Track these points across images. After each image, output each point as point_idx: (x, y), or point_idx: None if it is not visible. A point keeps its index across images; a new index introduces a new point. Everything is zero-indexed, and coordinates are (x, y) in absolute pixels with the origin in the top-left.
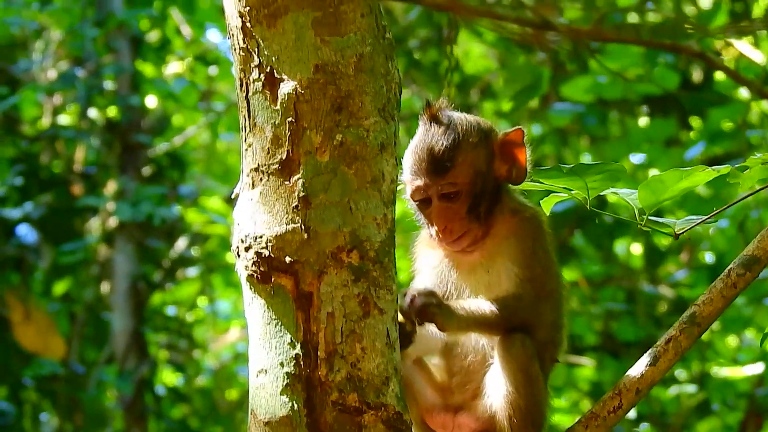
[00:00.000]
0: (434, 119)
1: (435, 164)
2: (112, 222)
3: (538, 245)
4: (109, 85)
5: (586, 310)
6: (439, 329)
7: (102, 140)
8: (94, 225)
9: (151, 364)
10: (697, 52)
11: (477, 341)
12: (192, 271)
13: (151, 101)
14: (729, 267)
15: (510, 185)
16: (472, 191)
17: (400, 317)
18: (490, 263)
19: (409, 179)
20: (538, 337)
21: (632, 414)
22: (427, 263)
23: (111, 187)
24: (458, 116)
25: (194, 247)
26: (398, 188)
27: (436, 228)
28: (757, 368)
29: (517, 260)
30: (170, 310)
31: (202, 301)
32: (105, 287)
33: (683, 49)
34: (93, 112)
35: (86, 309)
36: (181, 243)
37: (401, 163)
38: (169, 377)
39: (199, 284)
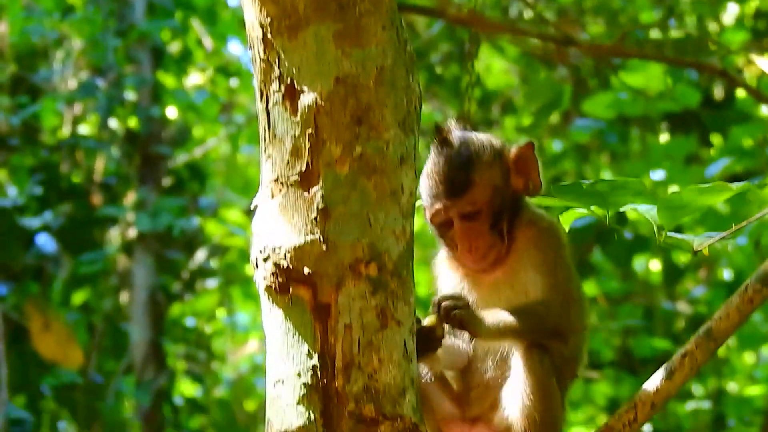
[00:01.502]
0: (445, 142)
1: (453, 186)
2: (132, 233)
3: (559, 254)
4: (129, 95)
5: (604, 326)
6: (470, 334)
7: (122, 151)
8: (113, 235)
9: (170, 375)
10: (718, 69)
11: (500, 357)
12: (211, 283)
13: (172, 112)
14: (746, 283)
15: (527, 198)
16: (492, 208)
17: (431, 320)
18: (514, 279)
19: (427, 204)
20: (570, 345)
21: (648, 429)
22: (447, 284)
23: (130, 197)
24: (469, 136)
25: (213, 259)
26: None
27: (460, 249)
28: None
29: (540, 270)
30: (189, 322)
31: (220, 313)
32: (124, 298)
33: (705, 66)
34: (113, 123)
35: (105, 319)
36: (201, 255)
37: (419, 176)
38: (187, 388)
39: (218, 296)
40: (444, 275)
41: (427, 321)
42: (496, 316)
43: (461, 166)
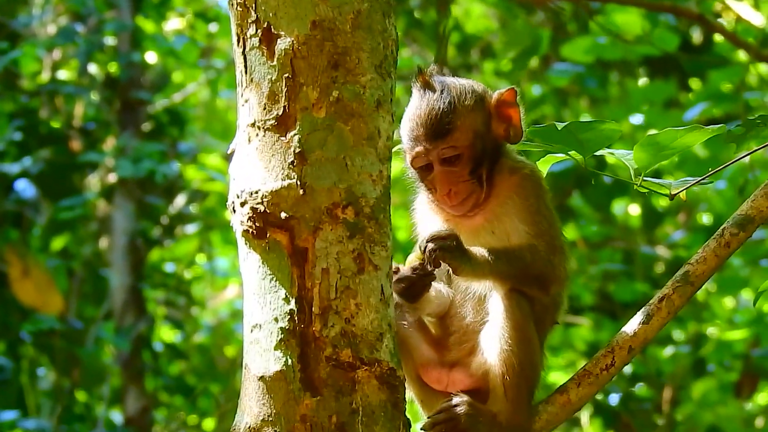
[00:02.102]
0: (427, 85)
1: (434, 129)
2: (111, 178)
3: (541, 202)
4: (109, 40)
5: (583, 270)
6: (454, 272)
7: (102, 96)
8: (92, 181)
9: (149, 320)
10: (695, 14)
11: (479, 302)
12: (191, 228)
13: (152, 57)
14: (723, 226)
15: (508, 145)
16: (473, 153)
17: (417, 256)
18: (495, 224)
19: (408, 147)
20: (552, 291)
21: (628, 372)
22: (429, 229)
23: (110, 143)
24: (451, 80)
25: (193, 204)
26: (394, 148)
27: (439, 193)
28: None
29: (524, 218)
30: (169, 267)
31: (200, 258)
32: (103, 243)
33: (682, 11)
34: (93, 68)
35: (84, 265)
36: (180, 200)
37: (397, 121)
38: (166, 334)
39: (197, 241)
40: (425, 220)
41: (412, 257)
42: (484, 255)
43: (442, 109)
